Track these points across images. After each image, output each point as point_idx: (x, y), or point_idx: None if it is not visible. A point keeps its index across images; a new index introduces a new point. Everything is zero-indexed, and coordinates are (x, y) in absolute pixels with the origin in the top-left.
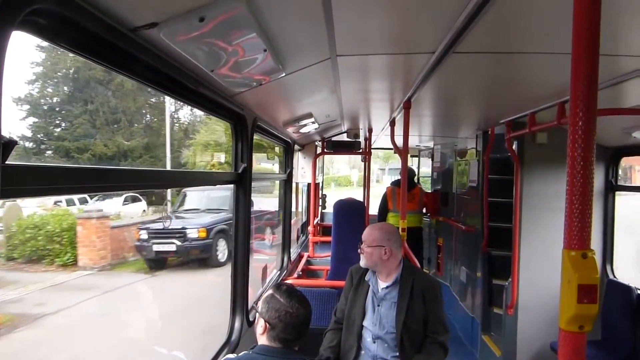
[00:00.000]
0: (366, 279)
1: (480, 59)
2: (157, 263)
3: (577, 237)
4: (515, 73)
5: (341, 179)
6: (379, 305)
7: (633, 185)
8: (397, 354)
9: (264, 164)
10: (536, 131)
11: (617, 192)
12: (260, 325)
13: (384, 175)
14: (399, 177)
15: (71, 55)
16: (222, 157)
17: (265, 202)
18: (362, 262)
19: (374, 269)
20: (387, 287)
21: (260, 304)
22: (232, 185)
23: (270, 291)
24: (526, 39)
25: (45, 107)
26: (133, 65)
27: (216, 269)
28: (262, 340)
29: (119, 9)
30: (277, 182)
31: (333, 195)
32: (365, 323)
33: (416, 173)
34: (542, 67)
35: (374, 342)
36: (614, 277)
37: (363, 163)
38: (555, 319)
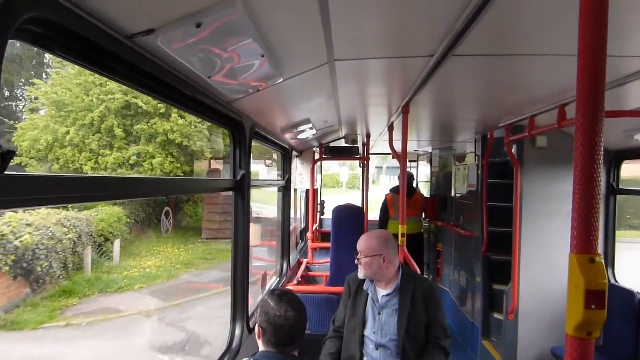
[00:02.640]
0: (364, 287)
1: (479, 61)
2: None
3: (584, 241)
4: (514, 75)
5: (326, 177)
6: (379, 314)
7: (634, 189)
8: None
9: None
10: (536, 134)
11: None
12: (255, 330)
13: (381, 174)
14: (398, 184)
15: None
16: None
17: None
18: (361, 274)
19: (373, 279)
20: (387, 295)
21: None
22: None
23: (264, 296)
24: (526, 41)
25: None
26: (130, 72)
27: None
28: (260, 345)
29: (115, 16)
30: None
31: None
32: (366, 332)
33: (414, 177)
34: (542, 69)
35: (377, 349)
36: (616, 281)
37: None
38: (557, 324)
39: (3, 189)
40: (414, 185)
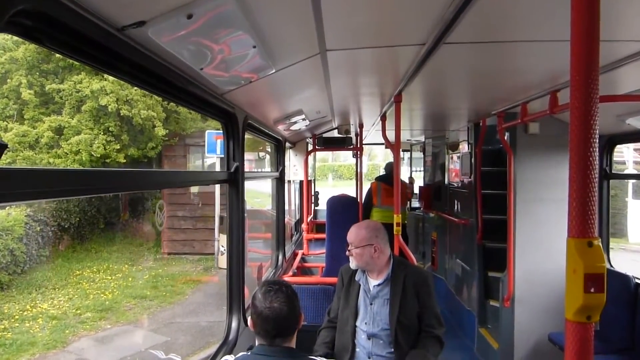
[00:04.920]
0: (356, 278)
1: (470, 49)
2: None
3: (582, 224)
4: (506, 62)
5: (342, 168)
6: (371, 304)
7: (627, 173)
8: (392, 350)
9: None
10: (528, 121)
11: None
12: (249, 322)
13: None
14: (383, 172)
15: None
16: None
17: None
18: (353, 264)
19: (365, 269)
20: (378, 285)
21: None
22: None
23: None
24: (517, 27)
25: None
26: (121, 64)
27: None
28: (257, 337)
29: (105, 8)
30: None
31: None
32: (357, 323)
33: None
34: (533, 56)
35: (369, 339)
36: (611, 266)
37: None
38: (553, 309)
39: None
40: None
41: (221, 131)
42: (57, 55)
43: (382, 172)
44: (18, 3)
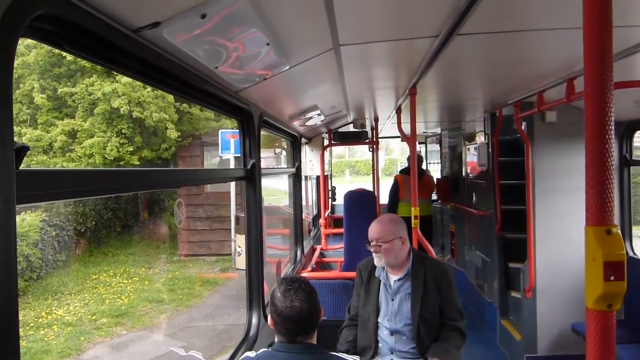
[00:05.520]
0: (376, 274)
1: (484, 39)
2: None
3: (600, 212)
4: (520, 52)
5: (359, 164)
6: (392, 299)
7: None
8: (415, 345)
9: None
10: (545, 110)
11: None
12: (269, 320)
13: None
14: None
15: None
16: None
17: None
18: (381, 262)
19: (389, 265)
20: (399, 280)
21: None
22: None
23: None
24: (530, 16)
25: None
26: (137, 65)
27: None
28: (277, 335)
29: (121, 11)
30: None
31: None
32: (379, 319)
33: (424, 159)
34: (548, 44)
35: (392, 335)
36: (634, 254)
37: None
38: (576, 299)
39: (19, 185)
40: (424, 167)
41: (234, 130)
42: (69, 58)
43: (404, 165)
44: (37, 8)
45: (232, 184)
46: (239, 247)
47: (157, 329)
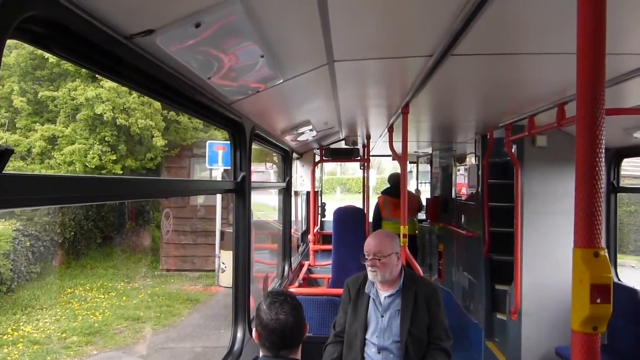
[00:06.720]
0: (366, 290)
1: (478, 61)
2: None
3: (588, 235)
4: (514, 74)
5: (350, 182)
6: (382, 316)
7: (635, 186)
8: None
9: None
10: (536, 134)
11: None
12: (253, 334)
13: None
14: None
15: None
16: None
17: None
18: (377, 277)
19: (382, 280)
20: (390, 296)
21: None
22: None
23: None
24: (524, 39)
25: None
26: (129, 72)
27: None
28: (262, 349)
29: (114, 16)
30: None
31: None
32: (367, 336)
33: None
34: (541, 68)
35: (379, 353)
36: (619, 280)
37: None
38: (560, 323)
39: (2, 189)
40: (412, 186)
41: (222, 142)
42: (52, 60)
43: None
44: (27, 10)
45: (219, 198)
46: (223, 263)
47: (130, 350)
